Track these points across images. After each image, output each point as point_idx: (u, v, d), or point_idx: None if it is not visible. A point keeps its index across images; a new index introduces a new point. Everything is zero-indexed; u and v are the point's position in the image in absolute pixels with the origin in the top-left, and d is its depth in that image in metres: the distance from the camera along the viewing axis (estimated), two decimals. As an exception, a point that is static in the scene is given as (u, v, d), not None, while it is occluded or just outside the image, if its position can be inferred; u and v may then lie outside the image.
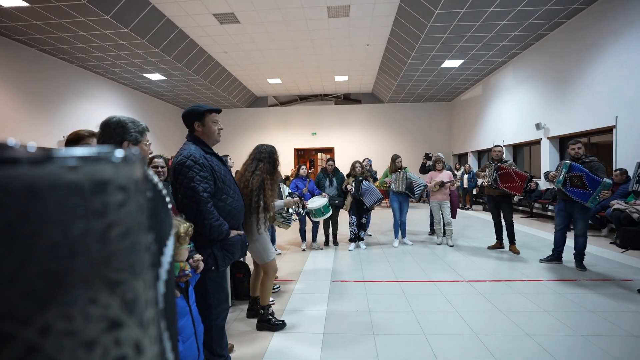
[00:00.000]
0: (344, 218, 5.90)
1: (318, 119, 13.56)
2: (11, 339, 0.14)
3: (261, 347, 2.36)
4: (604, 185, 3.38)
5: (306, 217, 5.09)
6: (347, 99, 13.65)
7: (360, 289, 3.44)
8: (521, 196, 4.33)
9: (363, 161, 5.68)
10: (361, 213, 5.13)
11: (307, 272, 4.06)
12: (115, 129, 1.40)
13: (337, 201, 5.06)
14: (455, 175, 5.63)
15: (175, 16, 6.62)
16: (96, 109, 8.74)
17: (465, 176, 9.73)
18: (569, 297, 3.07)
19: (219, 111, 1.96)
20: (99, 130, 1.45)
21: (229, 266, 2.40)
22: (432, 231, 5.98)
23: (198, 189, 1.75)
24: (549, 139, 7.37)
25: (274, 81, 11.19)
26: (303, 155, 14.19)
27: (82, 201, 0.16)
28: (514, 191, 4.29)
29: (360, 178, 4.97)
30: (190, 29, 7.19)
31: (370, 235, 6.07)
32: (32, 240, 0.14)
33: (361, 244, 5.19)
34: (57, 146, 7.51)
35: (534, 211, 8.07)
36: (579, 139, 5.27)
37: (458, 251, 4.85)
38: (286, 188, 3.95)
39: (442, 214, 5.19)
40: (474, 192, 9.96)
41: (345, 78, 11.00)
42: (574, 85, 6.57)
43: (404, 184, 5.04)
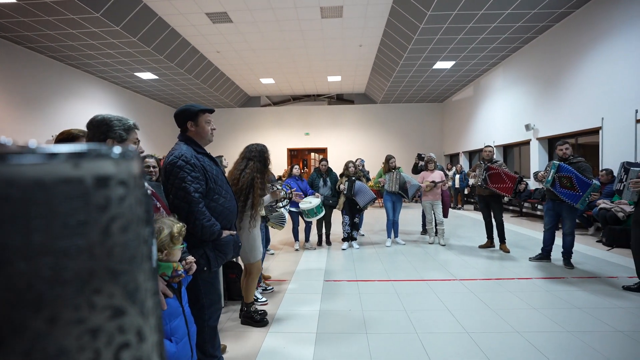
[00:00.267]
0: (337, 218, 5.92)
1: (311, 119, 13.57)
2: (22, 327, 0.15)
3: (254, 347, 2.36)
4: (594, 188, 3.46)
5: (299, 217, 5.10)
6: (340, 99, 13.69)
7: (353, 288, 3.46)
8: (511, 197, 4.40)
9: (356, 161, 5.72)
10: (354, 213, 5.15)
11: (300, 272, 4.07)
12: (99, 126, 1.38)
13: (331, 201, 5.08)
14: (447, 175, 5.70)
15: (167, 15, 6.56)
16: (86, 108, 8.59)
17: (457, 176, 9.85)
18: (557, 294, 3.14)
19: (212, 111, 1.96)
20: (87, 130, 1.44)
21: (221, 266, 2.39)
22: (424, 230, 6.04)
23: (189, 190, 1.74)
24: (538, 139, 7.50)
25: (267, 81, 11.16)
26: (296, 155, 14.18)
27: (86, 195, 0.16)
28: (504, 192, 4.36)
29: (353, 178, 5.00)
30: (182, 28, 7.13)
31: (363, 235, 6.11)
32: (40, 232, 0.15)
33: (354, 243, 5.21)
34: (45, 146, 7.36)
35: (523, 211, 8.21)
36: (566, 139, 5.38)
37: (450, 250, 4.91)
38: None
39: (434, 213, 5.25)
40: (466, 191, 10.08)
41: (338, 78, 11.03)
42: (561, 87, 6.70)
43: (397, 183, 5.08)
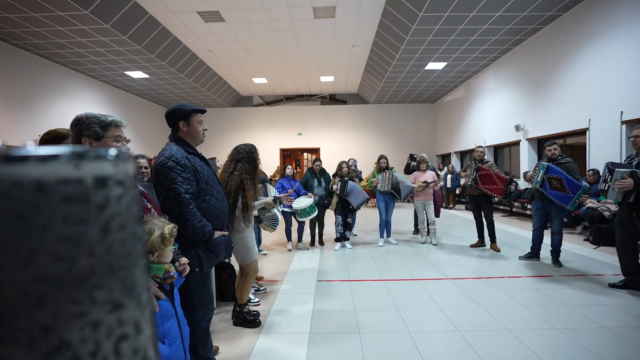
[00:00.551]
0: (329, 218, 5.93)
1: (304, 119, 13.57)
2: (27, 321, 0.15)
3: (247, 348, 2.36)
4: (584, 190, 3.53)
5: (292, 217, 5.10)
6: (332, 99, 13.72)
7: (345, 288, 3.47)
8: (502, 198, 4.47)
9: (348, 161, 5.74)
10: (347, 213, 5.18)
11: (293, 272, 4.07)
12: (76, 125, 1.37)
13: (326, 201, 5.09)
14: (438, 175, 5.76)
15: (158, 13, 6.49)
16: (75, 107, 8.44)
17: (449, 176, 9.96)
18: (546, 292, 3.20)
19: (204, 111, 1.95)
20: None
21: (213, 267, 2.38)
22: (416, 230, 6.09)
23: (180, 191, 1.73)
24: (527, 140, 7.63)
25: (260, 81, 11.13)
26: (289, 156, 14.16)
27: (87, 195, 0.17)
28: (495, 193, 4.43)
29: (346, 178, 5.02)
30: (174, 26, 7.07)
31: (356, 235, 6.13)
32: (43, 229, 0.16)
33: (347, 243, 5.23)
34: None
35: (513, 210, 8.34)
36: (555, 140, 5.49)
37: (441, 250, 4.96)
38: (272, 188, 3.95)
39: (426, 213, 5.30)
40: (457, 191, 10.20)
41: (331, 78, 11.05)
42: (550, 88, 6.83)
43: (390, 183, 5.11)
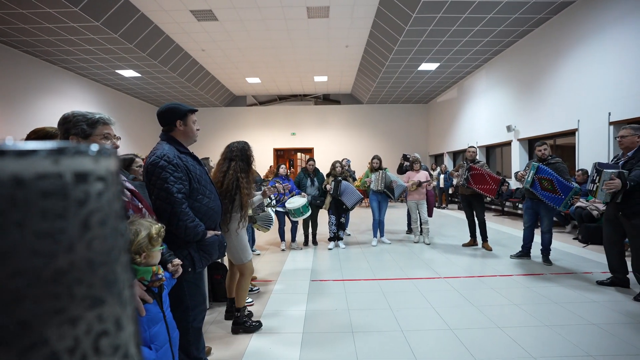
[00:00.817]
0: (323, 218, 5.94)
1: (297, 119, 13.56)
2: (2, 317, 0.15)
3: (239, 349, 2.34)
4: (575, 191, 3.58)
5: (285, 217, 5.09)
6: (326, 99, 13.73)
7: (339, 288, 3.48)
8: (494, 198, 4.52)
9: (342, 161, 5.75)
10: (340, 213, 5.18)
11: (287, 272, 4.06)
12: (63, 124, 1.35)
13: (318, 201, 5.09)
14: (431, 175, 5.81)
15: (150, 11, 6.42)
16: (64, 105, 8.30)
17: (442, 176, 10.04)
18: (537, 290, 3.25)
19: (197, 111, 1.98)
20: None
21: (206, 267, 2.37)
22: (409, 230, 6.13)
23: (172, 190, 1.71)
24: (518, 140, 7.73)
25: (253, 80, 11.08)
26: (282, 155, 14.14)
27: (66, 190, 0.17)
28: (488, 193, 4.48)
29: (339, 178, 5.02)
30: (166, 25, 7.00)
31: (350, 235, 6.15)
32: (20, 224, 0.15)
33: (340, 243, 5.24)
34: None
35: (505, 209, 8.44)
36: (545, 140, 5.57)
37: (434, 249, 5.00)
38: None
39: (419, 213, 5.34)
40: (450, 191, 10.28)
41: (324, 78, 11.06)
42: (541, 89, 6.93)
43: (383, 182, 5.14)
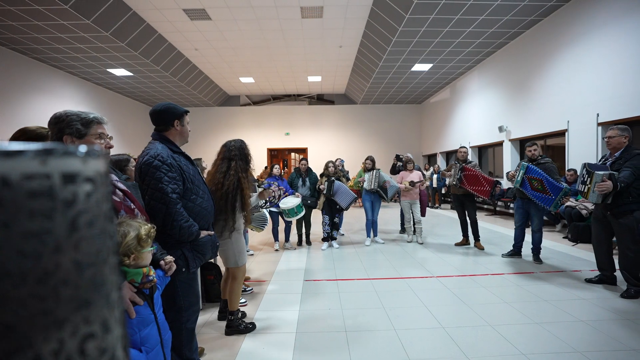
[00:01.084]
0: (317, 218, 5.94)
1: (291, 119, 13.54)
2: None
3: (232, 349, 2.33)
4: (565, 192, 3.63)
5: (279, 217, 5.08)
6: (320, 99, 13.73)
7: (332, 287, 3.49)
8: (488, 199, 4.58)
9: (335, 161, 5.76)
10: (334, 213, 5.19)
11: (280, 272, 4.06)
12: (56, 123, 1.32)
13: (309, 201, 5.09)
14: (424, 175, 5.85)
15: (142, 10, 6.35)
16: (54, 104, 8.16)
17: (435, 176, 10.11)
18: (527, 288, 3.29)
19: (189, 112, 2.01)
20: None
21: (199, 267, 2.35)
22: (402, 229, 6.16)
23: (166, 190, 1.70)
24: (510, 141, 7.83)
25: (247, 80, 11.04)
26: (276, 155, 14.11)
27: (53, 190, 0.17)
28: (481, 195, 4.53)
29: (332, 178, 5.03)
30: (158, 23, 6.93)
31: (343, 235, 6.16)
32: (6, 225, 0.15)
33: (334, 243, 5.25)
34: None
35: (497, 209, 8.54)
36: (536, 141, 5.65)
37: (427, 248, 5.04)
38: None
39: (412, 212, 5.37)
40: (443, 191, 10.37)
41: (318, 79, 11.06)
42: (531, 90, 7.03)
43: (376, 182, 5.16)
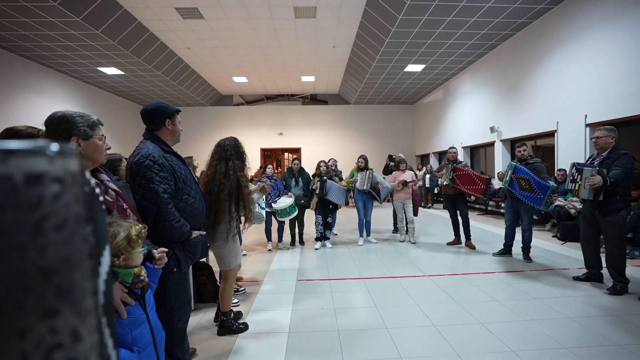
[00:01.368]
0: (310, 218, 5.94)
1: (285, 119, 13.51)
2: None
3: (224, 350, 2.32)
4: (552, 190, 3.68)
5: (272, 216, 5.06)
6: (313, 99, 13.72)
7: (325, 287, 3.49)
8: (483, 197, 4.60)
9: (329, 161, 5.76)
10: (327, 212, 5.20)
11: (273, 272, 4.05)
12: (60, 124, 1.27)
13: (302, 201, 5.09)
14: (417, 175, 5.89)
15: (133, 7, 6.27)
16: (42, 103, 8.01)
17: (427, 176, 10.18)
18: (517, 286, 3.34)
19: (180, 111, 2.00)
20: (45, 128, 1.34)
21: (191, 268, 2.33)
22: (395, 229, 6.20)
23: (158, 190, 1.69)
24: (501, 141, 7.92)
25: (240, 79, 10.98)
26: (269, 155, 14.06)
27: (15, 193, 0.16)
28: (476, 193, 4.55)
29: (324, 178, 5.03)
30: (150, 22, 6.85)
31: (336, 234, 6.17)
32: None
33: (327, 242, 5.26)
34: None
35: (489, 209, 8.63)
36: (526, 141, 5.73)
37: (419, 248, 5.07)
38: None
39: (405, 212, 5.40)
40: (435, 191, 10.45)
41: (312, 79, 11.05)
42: (522, 92, 7.12)
43: (369, 182, 5.17)
